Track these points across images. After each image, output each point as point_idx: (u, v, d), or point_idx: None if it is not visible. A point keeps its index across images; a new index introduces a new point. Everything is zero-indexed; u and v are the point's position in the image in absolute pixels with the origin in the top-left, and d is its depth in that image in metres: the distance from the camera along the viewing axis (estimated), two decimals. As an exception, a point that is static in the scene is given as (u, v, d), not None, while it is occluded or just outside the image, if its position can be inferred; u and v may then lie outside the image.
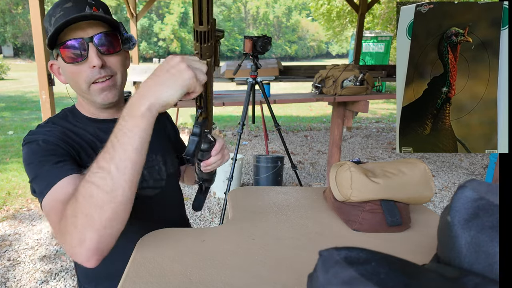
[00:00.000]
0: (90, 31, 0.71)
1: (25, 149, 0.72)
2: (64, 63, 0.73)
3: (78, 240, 0.52)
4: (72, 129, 0.78)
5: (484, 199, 0.36)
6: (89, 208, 0.52)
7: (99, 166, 0.53)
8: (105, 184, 0.52)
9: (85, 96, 0.77)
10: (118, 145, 0.52)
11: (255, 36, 2.17)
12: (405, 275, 0.28)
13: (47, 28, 0.74)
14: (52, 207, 0.61)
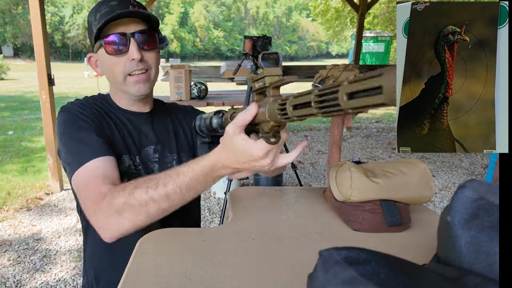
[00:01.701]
0: (132, 27, 0.78)
1: (62, 115, 0.78)
2: (105, 54, 0.79)
3: (115, 223, 0.60)
4: (106, 111, 0.85)
5: (484, 199, 0.36)
6: (138, 211, 0.60)
7: (164, 184, 0.60)
8: (162, 202, 0.60)
9: (120, 87, 0.83)
10: (189, 189, 0.60)
11: (255, 36, 2.17)
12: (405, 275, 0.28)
13: (91, 22, 0.81)
14: (90, 180, 0.67)
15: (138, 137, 0.88)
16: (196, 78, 3.60)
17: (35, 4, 2.45)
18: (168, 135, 0.93)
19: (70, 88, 10.04)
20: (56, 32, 29.60)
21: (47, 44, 2.59)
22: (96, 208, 0.62)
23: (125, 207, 0.60)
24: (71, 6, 29.92)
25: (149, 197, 0.60)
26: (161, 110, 0.95)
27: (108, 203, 0.61)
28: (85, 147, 0.72)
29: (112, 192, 0.62)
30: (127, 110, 0.88)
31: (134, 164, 0.86)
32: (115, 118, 0.86)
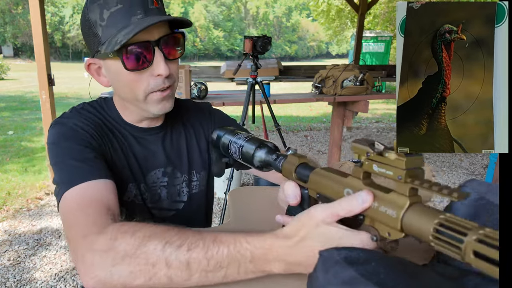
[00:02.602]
0: (155, 32, 0.61)
1: (56, 128, 0.64)
2: (120, 69, 0.62)
3: (106, 273, 0.44)
4: (109, 126, 0.70)
5: (484, 199, 0.37)
6: (141, 271, 0.44)
7: (189, 263, 0.44)
8: (176, 276, 0.44)
9: (137, 104, 0.68)
10: (222, 273, 0.44)
11: (255, 36, 2.17)
12: (405, 275, 0.28)
13: (95, 21, 0.62)
14: (81, 205, 0.53)
15: (145, 160, 0.74)
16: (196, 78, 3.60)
17: (35, 4, 2.45)
18: (179, 152, 0.78)
19: (70, 88, 10.05)
20: (56, 32, 29.60)
21: (47, 44, 2.59)
22: (85, 242, 0.47)
23: (126, 258, 0.44)
24: (71, 6, 29.92)
25: (165, 257, 0.44)
26: (175, 118, 0.79)
27: (105, 242, 0.46)
28: (81, 166, 0.57)
29: (114, 230, 0.47)
30: (133, 125, 0.73)
31: (141, 193, 0.73)
32: (119, 136, 0.71)
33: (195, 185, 0.82)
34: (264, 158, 0.56)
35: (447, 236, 0.30)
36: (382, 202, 0.37)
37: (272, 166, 0.56)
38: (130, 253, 0.45)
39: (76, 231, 0.49)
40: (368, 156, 0.40)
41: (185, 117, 0.82)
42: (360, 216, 0.40)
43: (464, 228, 0.29)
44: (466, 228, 0.29)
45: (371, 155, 0.40)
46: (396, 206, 0.36)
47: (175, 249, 0.44)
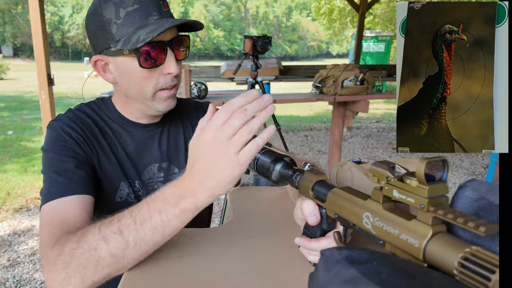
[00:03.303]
0: (168, 33, 0.65)
1: (48, 132, 0.69)
2: (133, 66, 0.65)
3: (61, 279, 0.50)
4: (101, 127, 0.74)
5: (484, 199, 0.37)
6: (87, 258, 0.49)
7: (120, 230, 0.50)
8: (116, 248, 0.49)
9: (143, 102, 0.71)
10: (148, 226, 0.50)
11: (255, 36, 2.17)
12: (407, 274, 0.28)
13: (109, 20, 0.64)
14: (50, 220, 0.58)
15: (139, 156, 0.76)
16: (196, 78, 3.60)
17: (34, 3, 2.45)
18: (176, 148, 0.81)
19: (70, 88, 10.04)
20: (55, 31, 29.59)
21: (47, 43, 2.59)
22: (44, 260, 0.53)
23: (74, 255, 0.49)
24: (70, 6, 29.90)
25: (101, 235, 0.49)
26: (174, 116, 0.82)
27: (55, 252, 0.51)
28: (58, 181, 0.62)
29: (63, 238, 0.52)
30: (132, 121, 0.76)
31: (134, 191, 0.75)
32: (111, 136, 0.74)
33: None
34: (280, 172, 0.55)
35: (473, 272, 0.28)
36: (403, 230, 0.36)
37: (288, 181, 0.55)
38: (74, 247, 0.50)
39: (41, 247, 0.55)
40: (388, 181, 0.38)
41: (184, 115, 0.84)
42: (380, 241, 0.39)
43: (492, 264, 0.27)
44: (494, 264, 0.27)
45: (391, 180, 0.38)
46: (418, 235, 0.34)
47: (107, 225, 0.51)
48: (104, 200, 0.73)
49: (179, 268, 0.57)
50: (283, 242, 0.67)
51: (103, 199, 0.73)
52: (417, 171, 0.34)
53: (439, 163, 0.35)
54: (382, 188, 0.39)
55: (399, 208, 0.40)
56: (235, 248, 0.64)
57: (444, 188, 0.35)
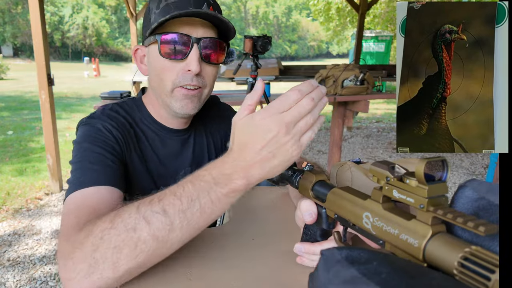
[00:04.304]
0: (200, 31, 0.64)
1: (84, 128, 0.66)
2: (157, 54, 0.65)
3: (87, 266, 0.43)
4: (136, 130, 0.72)
5: (484, 199, 0.37)
6: (123, 240, 0.43)
7: (164, 210, 0.44)
8: (159, 230, 0.44)
9: (163, 97, 0.69)
10: (197, 206, 0.45)
11: (255, 35, 2.17)
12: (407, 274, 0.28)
13: (151, 9, 0.66)
14: (79, 206, 0.53)
15: (172, 161, 0.76)
16: (196, 78, 3.60)
17: (34, 3, 2.45)
18: (202, 152, 0.81)
19: (70, 88, 10.04)
20: (55, 31, 29.58)
21: (47, 43, 2.59)
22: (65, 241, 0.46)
23: (105, 236, 0.43)
24: (70, 6, 29.90)
25: (141, 215, 0.44)
26: (199, 124, 0.82)
27: (84, 233, 0.45)
28: (92, 170, 0.59)
29: (93, 221, 0.47)
30: (164, 126, 0.75)
31: None
32: (144, 142, 0.73)
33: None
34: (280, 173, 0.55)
35: (473, 271, 0.28)
36: (403, 230, 0.36)
37: (288, 181, 0.55)
38: (107, 227, 0.44)
39: (62, 235, 0.49)
40: (387, 181, 0.38)
41: (208, 125, 0.85)
42: (380, 241, 0.39)
43: (492, 264, 0.27)
44: (494, 264, 0.27)
45: (391, 180, 0.38)
46: (417, 235, 0.34)
47: (147, 205, 0.45)
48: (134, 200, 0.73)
49: (179, 268, 0.57)
50: (283, 242, 0.67)
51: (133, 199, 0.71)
52: (417, 171, 0.34)
53: (438, 163, 0.35)
54: (382, 188, 0.39)
55: (399, 208, 0.40)
56: (235, 248, 0.64)
57: (444, 188, 0.35)
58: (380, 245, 0.39)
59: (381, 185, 0.39)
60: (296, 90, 0.44)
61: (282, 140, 0.43)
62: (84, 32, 30.02)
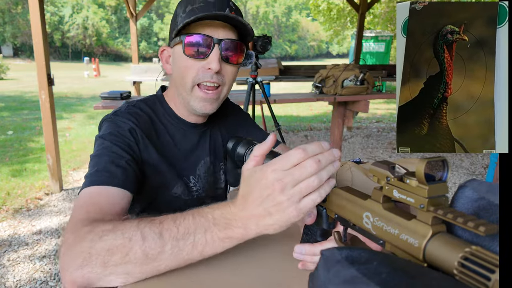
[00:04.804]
0: (221, 33, 0.70)
1: (108, 125, 0.71)
2: (181, 53, 0.70)
3: (81, 259, 0.46)
4: (156, 125, 0.78)
5: (484, 199, 0.37)
6: (117, 246, 0.46)
7: (161, 233, 0.47)
8: (151, 248, 0.47)
9: (184, 94, 0.74)
10: (190, 239, 0.47)
11: (255, 35, 2.17)
12: (407, 274, 0.28)
13: (178, 13, 0.72)
14: (91, 201, 0.57)
15: (193, 153, 0.82)
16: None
17: (34, 3, 2.45)
18: (217, 145, 0.88)
19: (70, 88, 10.04)
20: (55, 31, 29.59)
21: (47, 43, 2.59)
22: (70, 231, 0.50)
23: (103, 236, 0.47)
24: (70, 6, 29.91)
25: (140, 230, 0.47)
26: (219, 116, 0.88)
27: (88, 228, 0.49)
28: (108, 170, 0.63)
29: (100, 220, 0.51)
30: (183, 120, 0.81)
31: (188, 188, 0.80)
32: (166, 137, 0.78)
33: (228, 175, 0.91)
34: None
35: (473, 271, 0.28)
36: (403, 230, 0.36)
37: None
38: (107, 229, 0.48)
39: (70, 226, 0.52)
40: (388, 181, 0.38)
41: (221, 122, 0.91)
42: (380, 241, 0.39)
43: (492, 264, 0.27)
44: (494, 264, 0.27)
45: (391, 180, 0.38)
46: (417, 235, 0.34)
47: (148, 223, 0.49)
48: (161, 193, 0.77)
49: (178, 268, 0.57)
50: (284, 242, 0.67)
51: (160, 193, 0.77)
52: (417, 171, 0.34)
53: (439, 163, 0.35)
54: (382, 188, 0.39)
55: (399, 208, 0.40)
56: (235, 248, 0.64)
57: (444, 188, 0.35)
58: (380, 245, 0.39)
59: (382, 185, 0.39)
60: (300, 149, 0.43)
61: (277, 199, 0.43)
62: (84, 32, 30.03)
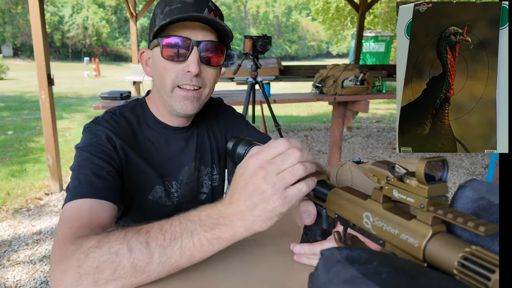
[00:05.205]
0: (200, 35, 0.68)
1: (88, 134, 0.69)
2: (159, 56, 0.69)
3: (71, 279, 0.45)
4: (137, 132, 0.75)
5: (484, 199, 0.37)
6: (105, 262, 0.45)
7: (147, 242, 0.46)
8: (139, 260, 0.45)
9: (165, 97, 0.72)
10: (178, 245, 0.46)
11: (255, 35, 2.18)
12: (407, 274, 0.28)
13: (156, 14, 0.71)
14: (77, 216, 0.56)
15: (176, 158, 0.79)
16: (196, 78, 3.60)
17: (34, 3, 2.45)
18: (203, 148, 0.84)
19: (70, 88, 10.04)
20: (55, 31, 29.58)
21: (47, 43, 2.59)
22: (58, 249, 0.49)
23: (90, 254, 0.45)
24: (70, 6, 29.90)
25: (126, 242, 0.46)
26: (207, 119, 0.85)
27: (74, 246, 0.47)
28: (89, 182, 0.61)
29: (85, 236, 0.49)
30: (165, 124, 0.78)
31: (169, 193, 0.78)
32: (148, 143, 0.76)
33: (215, 179, 0.88)
34: None
35: (473, 271, 0.28)
36: (403, 230, 0.36)
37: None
38: (93, 246, 0.46)
39: (57, 244, 0.51)
40: (388, 181, 0.38)
41: (209, 125, 0.88)
42: (380, 241, 0.39)
43: (492, 264, 0.27)
44: (494, 264, 0.27)
45: (391, 180, 0.38)
46: (417, 235, 0.34)
47: (135, 233, 0.47)
48: (137, 199, 0.75)
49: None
50: (284, 242, 0.67)
51: (136, 198, 0.75)
52: (417, 171, 0.34)
53: (439, 163, 0.35)
54: (382, 188, 0.39)
55: (399, 208, 0.40)
56: (235, 248, 0.64)
57: (444, 188, 0.35)
58: (380, 245, 0.39)
59: (381, 185, 0.39)
60: (283, 139, 0.44)
61: (261, 187, 0.43)
62: (84, 32, 30.03)
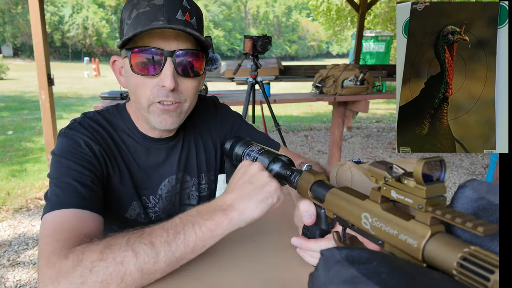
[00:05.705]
0: (173, 43, 0.59)
1: (63, 140, 0.63)
2: (130, 70, 0.61)
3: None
4: (115, 139, 0.69)
5: (484, 199, 0.37)
6: (111, 274, 0.44)
7: (152, 242, 0.46)
8: (146, 262, 0.45)
9: (142, 112, 0.66)
10: (181, 238, 0.48)
11: (255, 35, 2.18)
12: (406, 274, 0.28)
13: (123, 19, 0.62)
14: (62, 228, 0.51)
15: (156, 171, 0.73)
16: (196, 78, 3.59)
17: (34, 3, 2.45)
18: (189, 158, 0.78)
19: (70, 88, 10.04)
20: (55, 31, 29.57)
21: (47, 43, 2.59)
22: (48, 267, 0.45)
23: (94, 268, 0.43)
24: (70, 6, 29.89)
25: (130, 247, 0.45)
26: (197, 120, 0.79)
27: (71, 262, 0.44)
28: (70, 191, 0.56)
29: (81, 248, 0.46)
30: (145, 135, 0.71)
31: (146, 208, 0.73)
32: (126, 153, 0.69)
33: (203, 188, 0.83)
34: (278, 172, 0.57)
35: (472, 272, 0.28)
36: (402, 230, 0.36)
37: (286, 181, 0.56)
38: (97, 259, 0.44)
39: (44, 260, 0.47)
40: (386, 181, 0.38)
41: (199, 126, 0.81)
42: (379, 242, 0.39)
43: (491, 264, 0.27)
44: (493, 264, 0.27)
45: (389, 180, 0.38)
46: (416, 235, 0.34)
47: (138, 237, 0.47)
48: (113, 215, 0.70)
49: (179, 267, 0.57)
50: (283, 242, 0.67)
51: (112, 214, 0.70)
52: (415, 171, 0.34)
53: (437, 163, 0.35)
54: (380, 188, 0.39)
55: (398, 208, 0.40)
56: (235, 247, 0.64)
57: (442, 188, 0.35)
58: (379, 245, 0.39)
59: (380, 186, 0.39)
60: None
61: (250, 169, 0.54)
62: (84, 32, 30.02)
